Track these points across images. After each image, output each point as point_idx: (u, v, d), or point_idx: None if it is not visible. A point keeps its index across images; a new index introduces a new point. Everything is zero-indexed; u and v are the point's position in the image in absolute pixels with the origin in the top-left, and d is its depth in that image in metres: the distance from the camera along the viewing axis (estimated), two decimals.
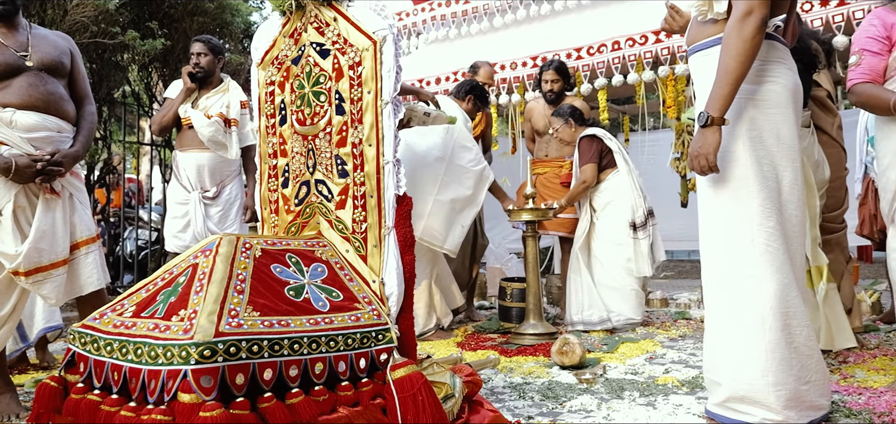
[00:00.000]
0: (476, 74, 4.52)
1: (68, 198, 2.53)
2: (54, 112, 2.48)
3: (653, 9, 5.17)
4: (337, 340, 1.75)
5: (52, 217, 2.43)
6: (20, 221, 2.36)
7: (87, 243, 2.57)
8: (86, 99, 2.70)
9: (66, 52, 2.62)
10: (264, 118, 2.30)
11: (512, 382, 2.73)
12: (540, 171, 4.51)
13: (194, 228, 3.55)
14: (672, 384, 2.61)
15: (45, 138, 2.44)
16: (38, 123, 2.42)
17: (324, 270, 1.96)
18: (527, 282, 3.73)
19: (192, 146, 3.58)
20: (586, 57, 5.15)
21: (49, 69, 2.50)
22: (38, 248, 2.36)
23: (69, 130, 2.55)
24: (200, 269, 1.73)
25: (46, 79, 2.48)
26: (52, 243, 2.41)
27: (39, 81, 2.45)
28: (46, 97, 2.45)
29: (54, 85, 2.50)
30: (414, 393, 1.81)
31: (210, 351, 1.48)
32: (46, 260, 2.37)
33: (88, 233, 2.59)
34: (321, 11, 2.13)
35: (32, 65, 2.45)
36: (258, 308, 1.67)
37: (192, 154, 3.58)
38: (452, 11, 6.20)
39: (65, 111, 2.53)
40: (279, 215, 2.26)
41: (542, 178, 4.50)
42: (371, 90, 2.01)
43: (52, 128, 2.48)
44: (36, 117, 2.42)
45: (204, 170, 3.55)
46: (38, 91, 2.43)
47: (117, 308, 1.76)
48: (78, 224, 2.55)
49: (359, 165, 2.04)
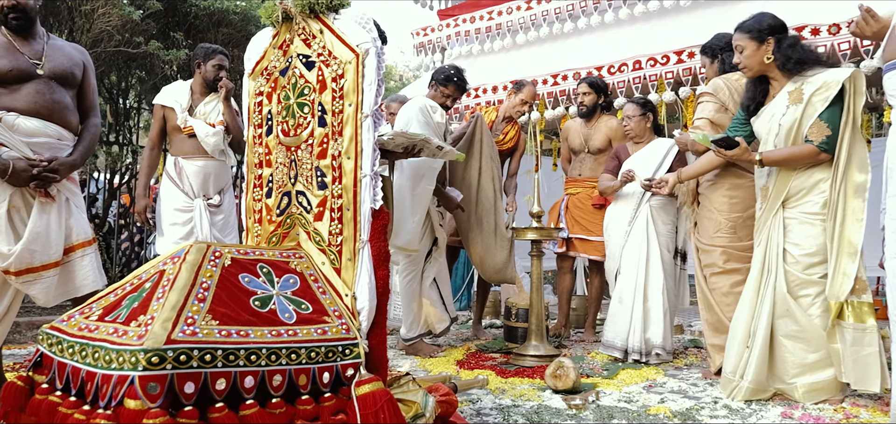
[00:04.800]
0: (519, 92, 4.43)
1: (64, 202, 2.59)
2: (57, 120, 2.56)
3: (675, 29, 5.09)
4: (299, 352, 1.74)
5: (47, 220, 2.49)
6: (14, 221, 2.43)
7: (83, 246, 2.63)
8: (92, 111, 2.79)
9: (78, 64, 2.70)
10: (252, 128, 2.32)
11: (501, 404, 2.67)
12: (572, 191, 4.42)
13: (199, 235, 3.53)
14: (664, 415, 2.52)
15: (44, 144, 2.51)
16: (38, 129, 2.50)
17: (296, 281, 1.95)
18: (530, 303, 3.67)
19: (195, 154, 3.57)
20: (607, 76, 5.06)
21: (59, 79, 2.59)
22: (31, 249, 2.42)
23: (69, 138, 2.63)
24: (166, 275, 1.74)
25: (55, 87, 2.56)
26: (45, 245, 2.47)
27: (47, 89, 2.53)
28: (51, 105, 2.53)
29: (61, 94, 2.59)
30: (376, 410, 1.78)
31: (158, 358, 1.48)
32: (38, 261, 2.43)
33: (85, 236, 2.65)
34: (308, 23, 2.13)
35: (43, 73, 2.54)
36: (218, 317, 1.66)
37: (197, 162, 3.57)
38: (476, 28, 6.21)
39: (67, 121, 2.61)
40: (262, 224, 2.26)
41: (575, 198, 4.39)
42: (352, 103, 2.01)
43: (53, 135, 2.55)
44: (38, 123, 2.50)
45: (209, 177, 3.57)
46: (43, 98, 2.52)
47: (85, 311, 1.78)
48: (74, 228, 2.61)
49: (337, 177, 2.03)
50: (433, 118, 3.87)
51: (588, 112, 4.36)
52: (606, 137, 4.31)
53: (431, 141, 2.64)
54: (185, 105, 3.58)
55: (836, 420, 2.44)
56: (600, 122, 4.37)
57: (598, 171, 4.28)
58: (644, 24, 5.43)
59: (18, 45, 2.52)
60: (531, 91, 4.42)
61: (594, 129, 4.36)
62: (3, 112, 2.43)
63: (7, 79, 2.45)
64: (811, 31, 4.10)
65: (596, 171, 4.29)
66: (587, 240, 4.25)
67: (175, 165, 3.60)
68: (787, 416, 2.50)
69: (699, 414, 2.53)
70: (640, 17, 5.48)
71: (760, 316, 2.70)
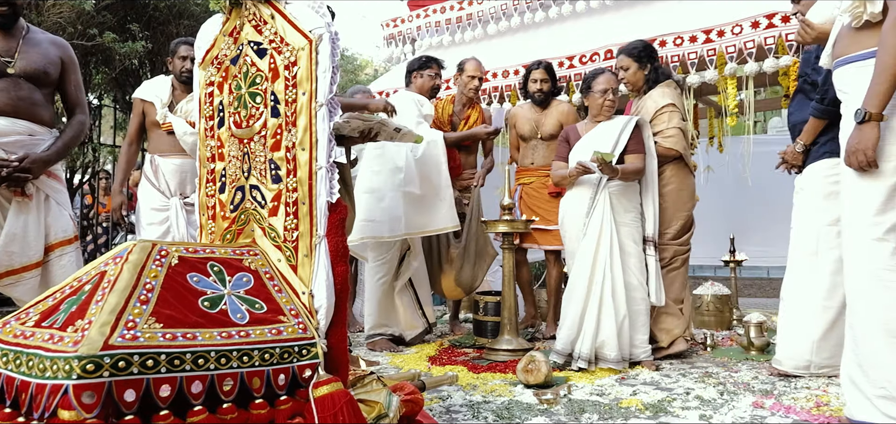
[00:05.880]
0: (463, 71, 4.39)
1: (43, 200, 2.52)
2: (24, 116, 2.47)
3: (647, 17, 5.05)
4: (252, 355, 1.65)
5: (24, 220, 2.43)
6: None
7: (62, 245, 2.57)
8: (77, 108, 2.71)
9: (54, 61, 2.61)
10: (204, 121, 2.21)
11: (471, 400, 2.61)
12: (525, 180, 4.32)
13: (175, 234, 3.46)
14: (636, 407, 2.47)
15: (15, 142, 2.43)
16: (6, 128, 2.42)
17: (249, 280, 1.86)
18: (502, 296, 3.60)
19: (172, 151, 3.48)
20: (579, 66, 5.00)
21: (31, 78, 2.50)
22: (9, 251, 2.37)
23: (43, 132, 2.54)
24: (107, 277, 1.64)
25: (22, 85, 2.48)
26: (23, 246, 2.42)
27: (13, 87, 2.45)
28: (16, 102, 2.45)
29: (29, 90, 2.50)
30: (335, 412, 1.71)
31: (94, 366, 1.38)
32: (18, 263, 2.39)
33: (64, 235, 2.58)
34: (259, 8, 2.04)
35: (14, 72, 2.46)
36: (162, 319, 1.57)
37: (174, 159, 3.48)
38: (447, 18, 6.12)
39: (37, 115, 2.52)
40: (216, 221, 2.16)
41: (528, 187, 4.30)
42: (306, 92, 1.92)
43: (22, 132, 2.46)
44: (4, 122, 2.41)
45: (186, 176, 3.47)
46: (8, 96, 2.44)
47: (22, 316, 1.67)
48: (52, 226, 2.53)
49: (292, 170, 1.94)
50: (423, 111, 3.87)
51: (545, 98, 4.26)
52: (559, 122, 4.18)
53: (388, 123, 2.58)
54: (166, 100, 3.48)
55: (806, 409, 2.42)
56: (552, 106, 4.28)
57: (551, 157, 4.12)
58: (615, 12, 5.39)
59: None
60: (474, 64, 4.36)
61: (546, 114, 4.26)
62: None
63: None
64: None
65: (549, 158, 4.14)
66: (546, 230, 4.11)
67: (151, 163, 3.52)
68: (758, 406, 2.47)
69: (671, 406, 2.49)
70: (611, 5, 5.44)
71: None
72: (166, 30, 4.75)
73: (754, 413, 2.38)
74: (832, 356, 2.72)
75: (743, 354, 3.52)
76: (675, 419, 2.34)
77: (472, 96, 4.36)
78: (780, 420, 2.31)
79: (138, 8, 4.68)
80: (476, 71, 4.34)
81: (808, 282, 2.83)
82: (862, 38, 2.11)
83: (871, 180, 2.05)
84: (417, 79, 4.20)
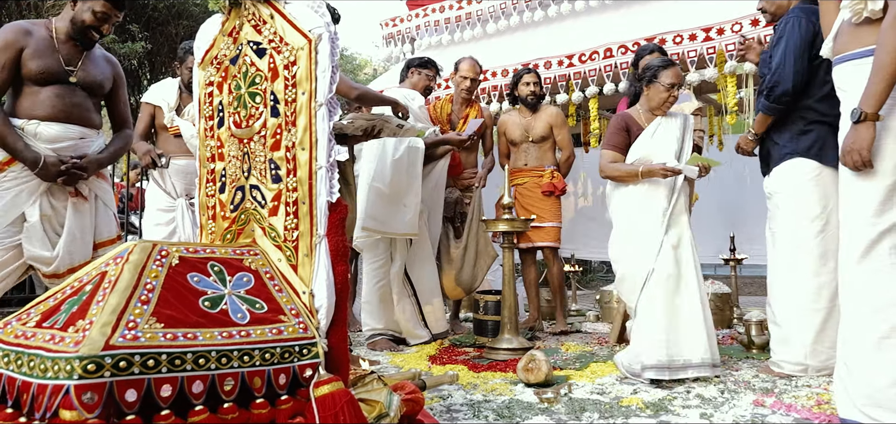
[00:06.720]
0: (458, 71, 4.41)
1: (94, 200, 2.67)
2: (76, 121, 2.61)
3: (647, 16, 5.05)
4: (252, 354, 1.65)
5: (81, 221, 2.59)
6: (46, 229, 2.51)
7: (106, 245, 2.70)
8: (125, 124, 2.87)
9: (108, 76, 2.78)
10: (204, 121, 2.22)
11: (472, 399, 2.61)
12: (519, 181, 4.42)
13: (181, 235, 3.51)
14: (637, 406, 2.47)
15: (68, 147, 2.57)
16: (59, 134, 2.56)
17: (250, 280, 1.86)
18: (502, 295, 3.60)
19: (179, 153, 3.56)
20: (578, 64, 5.01)
21: (86, 87, 2.65)
22: (70, 250, 2.52)
23: (93, 134, 2.68)
24: (108, 277, 1.64)
25: (77, 92, 2.62)
26: (81, 245, 2.58)
27: (69, 94, 2.59)
28: (69, 109, 2.59)
29: (83, 98, 2.64)
30: (336, 412, 1.71)
31: (95, 366, 1.38)
32: (77, 261, 2.52)
33: (109, 234, 2.73)
34: (258, 8, 2.04)
35: (74, 81, 2.60)
36: (163, 319, 1.57)
37: (180, 160, 3.56)
38: (446, 17, 6.12)
39: (87, 119, 2.66)
40: (216, 221, 2.17)
41: (522, 187, 4.41)
42: (305, 91, 1.92)
43: (75, 136, 2.61)
44: (58, 128, 2.55)
45: (192, 177, 3.49)
46: (63, 102, 2.57)
47: (23, 317, 1.67)
48: (100, 225, 2.69)
49: (292, 169, 1.94)
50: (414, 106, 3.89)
51: (536, 101, 4.38)
52: (548, 125, 4.36)
53: (391, 120, 2.58)
54: (173, 104, 3.59)
55: (808, 407, 2.42)
56: (541, 110, 4.40)
57: (542, 158, 4.37)
58: (614, 11, 5.39)
59: (58, 47, 2.56)
60: (468, 63, 4.41)
61: (536, 118, 4.38)
62: (24, 121, 2.49)
63: (36, 79, 2.50)
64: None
65: (540, 158, 4.39)
66: (541, 227, 4.24)
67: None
68: (758, 404, 2.47)
69: (671, 404, 2.49)
70: (610, 4, 5.44)
71: None
72: (166, 30, 4.75)
73: (755, 412, 2.38)
74: (828, 358, 2.70)
75: (743, 352, 3.52)
76: (676, 417, 2.34)
77: (464, 96, 4.39)
78: (781, 418, 2.31)
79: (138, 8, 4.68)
80: (469, 71, 4.38)
81: (793, 287, 2.83)
82: (862, 35, 2.07)
83: (868, 179, 2.02)
84: (414, 75, 4.23)
